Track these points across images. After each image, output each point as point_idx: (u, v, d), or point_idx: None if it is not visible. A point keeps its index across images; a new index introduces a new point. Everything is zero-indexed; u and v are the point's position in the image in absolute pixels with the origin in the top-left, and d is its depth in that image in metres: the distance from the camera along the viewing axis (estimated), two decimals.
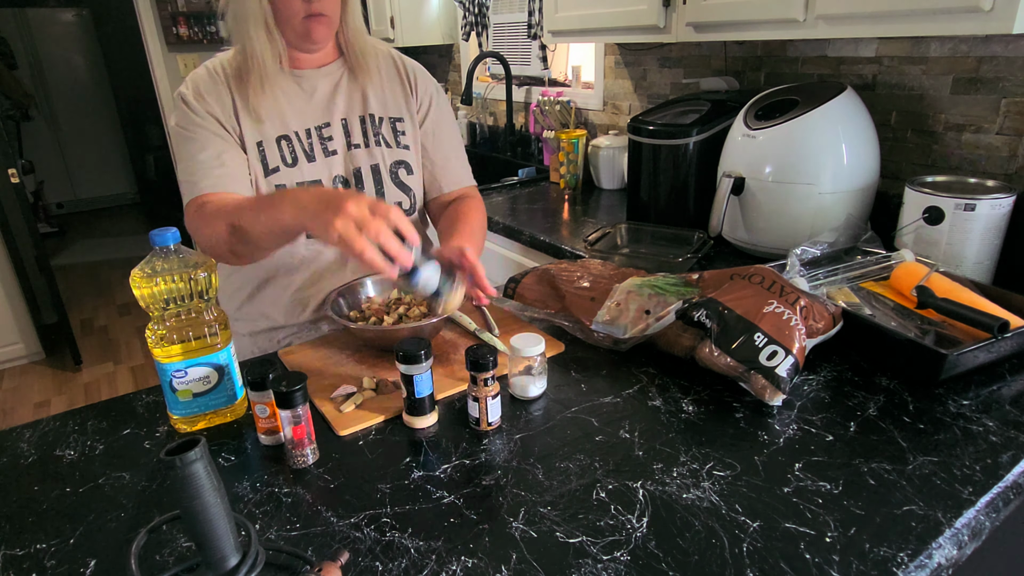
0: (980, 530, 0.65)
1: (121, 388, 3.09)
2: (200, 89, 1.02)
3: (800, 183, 1.27)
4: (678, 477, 0.71)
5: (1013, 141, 1.27)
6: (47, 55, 5.66)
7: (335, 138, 1.09)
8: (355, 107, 1.11)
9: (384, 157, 1.11)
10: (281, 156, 1.05)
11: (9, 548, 0.65)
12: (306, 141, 1.07)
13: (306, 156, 1.06)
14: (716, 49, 1.81)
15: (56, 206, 6.02)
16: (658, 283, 1.00)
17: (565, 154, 2.11)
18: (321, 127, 1.08)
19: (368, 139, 1.10)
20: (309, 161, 1.06)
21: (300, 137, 1.06)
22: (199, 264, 0.78)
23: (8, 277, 3.09)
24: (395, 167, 1.12)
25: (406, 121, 1.14)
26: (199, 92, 1.02)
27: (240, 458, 0.78)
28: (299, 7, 0.98)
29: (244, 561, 0.56)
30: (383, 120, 1.12)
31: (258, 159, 1.04)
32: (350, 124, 1.10)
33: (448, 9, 2.92)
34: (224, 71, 1.04)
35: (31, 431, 0.84)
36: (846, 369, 0.92)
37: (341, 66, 1.11)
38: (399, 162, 1.13)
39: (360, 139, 1.10)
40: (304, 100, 1.08)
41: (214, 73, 1.04)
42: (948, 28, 1.04)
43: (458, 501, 0.69)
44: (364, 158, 1.10)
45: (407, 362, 0.78)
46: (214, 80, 1.03)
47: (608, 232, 1.53)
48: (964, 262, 1.14)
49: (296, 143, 1.06)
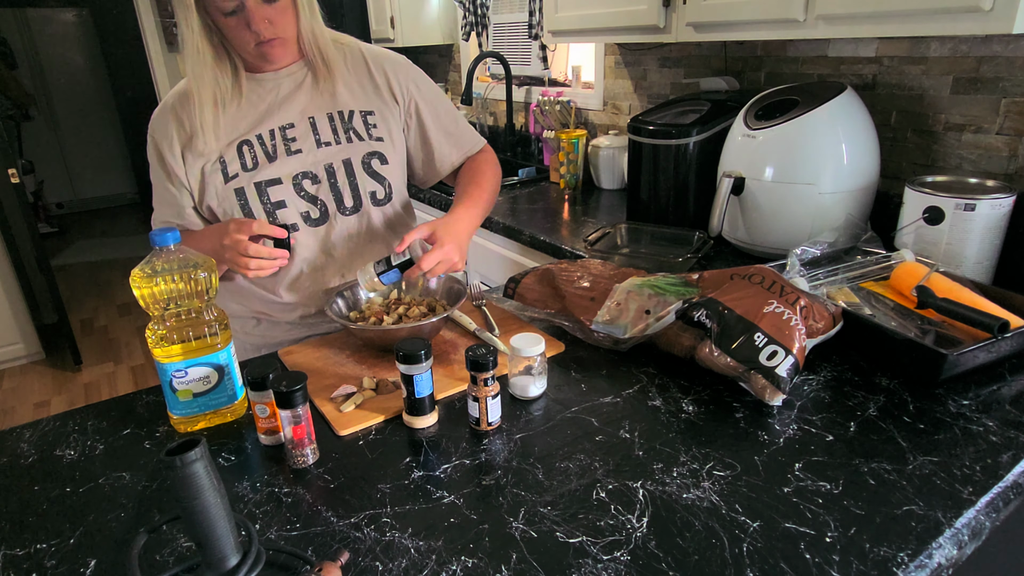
0: (980, 530, 0.65)
1: (121, 388, 3.09)
2: (154, 132, 1.07)
3: (800, 183, 1.27)
4: (678, 477, 0.71)
5: (1013, 141, 1.27)
6: (47, 55, 5.66)
7: (299, 137, 1.08)
8: (322, 105, 1.10)
9: (357, 150, 1.11)
10: (241, 162, 1.06)
11: (9, 548, 0.65)
12: (269, 143, 1.07)
13: (267, 157, 1.06)
14: (716, 49, 1.81)
15: (56, 206, 6.02)
16: (658, 283, 1.00)
17: (565, 154, 2.11)
18: (285, 127, 1.08)
19: (339, 135, 1.10)
20: (270, 161, 1.06)
21: (263, 139, 1.07)
22: (199, 264, 0.78)
23: (8, 277, 3.09)
24: (368, 158, 1.12)
25: (377, 113, 1.14)
26: (153, 135, 1.07)
27: (240, 458, 0.78)
28: (249, 37, 0.98)
29: (244, 561, 0.56)
30: (353, 114, 1.12)
31: (220, 171, 1.05)
32: (318, 122, 1.09)
33: (448, 9, 2.92)
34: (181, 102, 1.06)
35: (31, 431, 0.84)
36: (846, 369, 0.92)
37: (303, 66, 1.11)
38: (372, 153, 1.12)
39: (330, 136, 1.10)
40: (266, 104, 1.08)
41: (168, 109, 1.07)
42: (948, 28, 1.04)
43: (458, 501, 0.69)
44: (335, 154, 1.10)
45: (407, 362, 0.78)
46: (167, 119, 1.06)
47: (608, 232, 1.53)
48: (964, 262, 1.14)
49: (257, 146, 1.06)
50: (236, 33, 0.98)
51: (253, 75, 1.07)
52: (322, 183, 1.09)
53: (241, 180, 1.05)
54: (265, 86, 1.08)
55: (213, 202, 1.06)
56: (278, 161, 1.07)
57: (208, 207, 1.07)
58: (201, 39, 0.98)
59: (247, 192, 1.05)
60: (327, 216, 1.11)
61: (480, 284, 1.21)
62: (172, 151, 1.06)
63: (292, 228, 1.08)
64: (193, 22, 0.96)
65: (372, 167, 1.12)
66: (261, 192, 1.06)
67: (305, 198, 1.09)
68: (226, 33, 0.99)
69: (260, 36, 0.98)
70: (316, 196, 1.09)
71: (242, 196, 1.05)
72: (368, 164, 1.12)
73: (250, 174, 1.06)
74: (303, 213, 1.09)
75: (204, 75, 1.01)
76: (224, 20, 0.96)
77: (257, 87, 1.08)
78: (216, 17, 0.97)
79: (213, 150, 1.05)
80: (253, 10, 0.95)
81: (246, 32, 0.97)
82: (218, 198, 1.06)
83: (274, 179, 1.07)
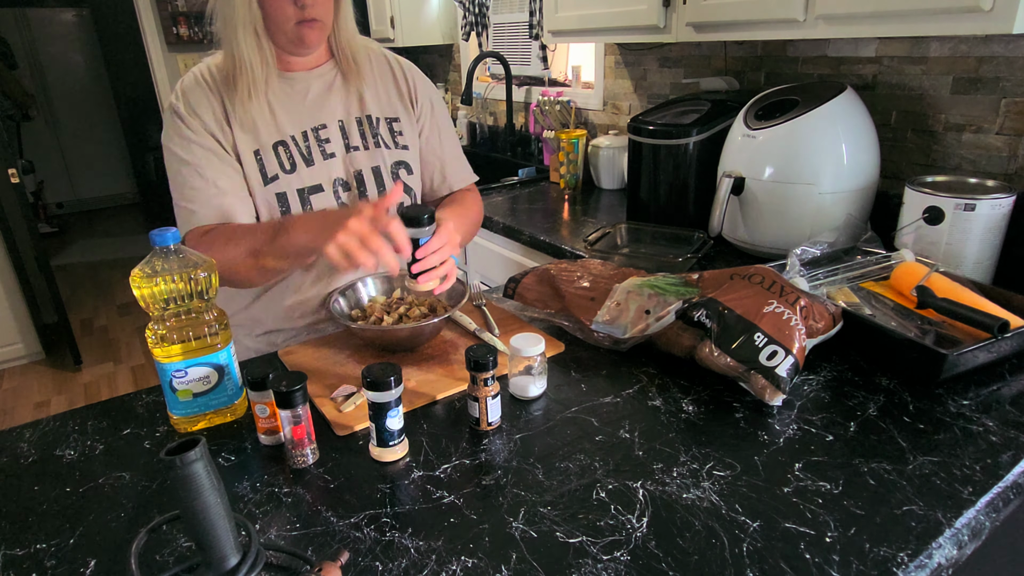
0: (980, 530, 0.65)
1: (121, 388, 3.09)
2: (191, 101, 1.00)
3: (800, 183, 1.27)
4: (678, 477, 0.71)
5: (1013, 141, 1.27)
6: (47, 55, 5.66)
7: (332, 140, 1.07)
8: (352, 109, 1.10)
9: (384, 158, 1.11)
10: (279, 163, 1.03)
11: (9, 548, 0.65)
12: (303, 144, 1.05)
13: (304, 160, 1.05)
14: (716, 49, 1.81)
15: (56, 206, 6.02)
16: (658, 283, 1.00)
17: (565, 154, 2.11)
18: (317, 128, 1.07)
19: (367, 140, 1.10)
20: (308, 165, 1.05)
21: (297, 141, 1.05)
22: (199, 264, 0.78)
23: (8, 277, 3.09)
24: (395, 167, 1.12)
25: (402, 121, 1.14)
26: (190, 104, 1.00)
27: (240, 458, 0.78)
28: (292, 13, 0.96)
29: (244, 561, 0.56)
30: (380, 121, 1.12)
31: (256, 168, 1.02)
32: (347, 126, 1.09)
33: (448, 9, 2.92)
34: (213, 77, 1.02)
35: (31, 431, 0.84)
36: (846, 369, 0.92)
37: (333, 67, 1.10)
38: (399, 162, 1.13)
39: (359, 141, 1.09)
40: (297, 102, 1.06)
41: (202, 81, 1.01)
42: (948, 28, 1.04)
43: (458, 501, 0.69)
44: (364, 160, 1.09)
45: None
46: (203, 89, 1.01)
47: (608, 232, 1.53)
48: (964, 262, 1.14)
49: (293, 147, 1.04)
50: (279, 7, 0.95)
51: (284, 73, 1.05)
52: (352, 191, 1.09)
53: (282, 184, 1.03)
54: (295, 86, 1.06)
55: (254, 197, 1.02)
56: (315, 166, 1.05)
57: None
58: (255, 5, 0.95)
59: (289, 199, 1.03)
60: None
61: (480, 284, 1.21)
62: (219, 124, 0.99)
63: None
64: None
65: (400, 177, 1.12)
66: (304, 200, 1.04)
67: (340, 207, 1.08)
68: (268, 8, 0.96)
69: (304, 12, 0.96)
70: (347, 204, 1.09)
71: (284, 202, 1.03)
72: (396, 174, 1.12)
73: (290, 177, 1.03)
74: None
75: (262, 44, 0.98)
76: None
77: (287, 86, 1.06)
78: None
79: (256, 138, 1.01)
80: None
81: (290, 7, 0.95)
82: (254, 197, 1.03)
83: (316, 186, 1.05)
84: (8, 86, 5.21)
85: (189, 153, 0.99)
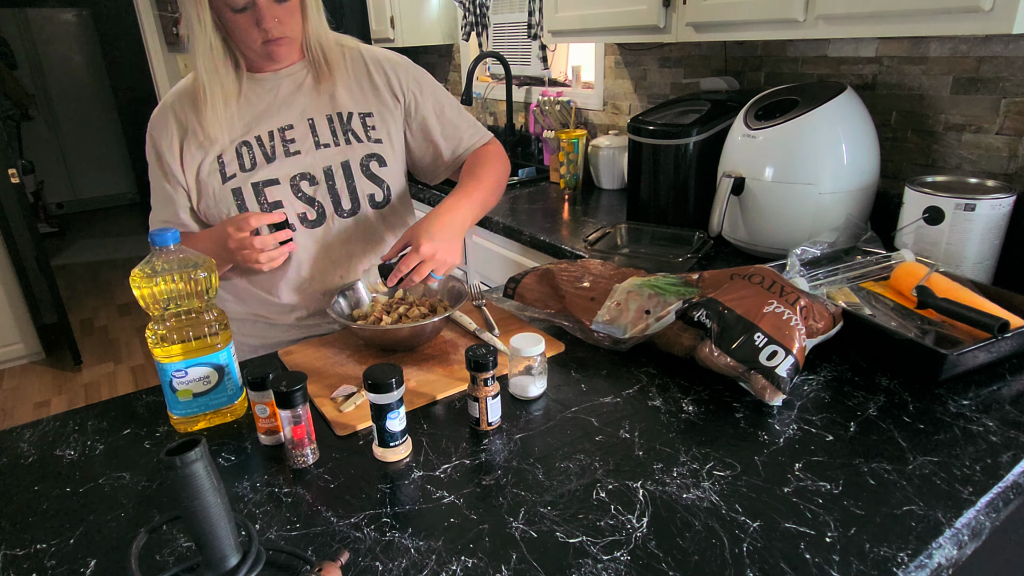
0: (980, 530, 0.65)
1: (121, 388, 3.09)
2: (152, 132, 1.07)
3: (800, 183, 1.27)
4: (678, 477, 0.71)
5: (1013, 141, 1.27)
6: (47, 55, 5.66)
7: (298, 139, 1.08)
8: (322, 106, 1.10)
9: (355, 152, 1.11)
10: (240, 163, 1.06)
11: (9, 548, 0.65)
12: (268, 144, 1.07)
13: (265, 158, 1.06)
14: (716, 49, 1.81)
15: (56, 206, 6.02)
16: (658, 283, 1.00)
17: (565, 154, 2.11)
18: (284, 128, 1.08)
19: (338, 137, 1.10)
20: (268, 162, 1.06)
21: (262, 140, 1.07)
22: (199, 264, 0.78)
23: (8, 277, 3.09)
24: (366, 160, 1.12)
25: (376, 116, 1.13)
26: (152, 134, 1.07)
27: (240, 458, 0.78)
28: (256, 35, 0.98)
29: (244, 561, 0.56)
30: (352, 115, 1.12)
31: (218, 171, 1.05)
32: (317, 123, 1.09)
33: (448, 9, 2.92)
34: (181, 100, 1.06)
35: (31, 431, 0.84)
36: (846, 369, 0.92)
37: (304, 66, 1.11)
38: (371, 155, 1.12)
39: (329, 138, 1.10)
40: (266, 103, 1.08)
41: (167, 109, 1.07)
42: (948, 28, 1.04)
43: (458, 501, 0.69)
44: (334, 156, 1.10)
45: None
46: (166, 118, 1.06)
47: (608, 232, 1.53)
48: (964, 262, 1.14)
49: (256, 147, 1.06)
50: (244, 30, 0.98)
51: (253, 75, 1.07)
52: (320, 185, 1.09)
53: (238, 180, 1.05)
54: (264, 86, 1.08)
55: (210, 203, 1.06)
56: (276, 162, 1.07)
57: (204, 210, 1.08)
58: (213, 34, 0.98)
59: (244, 192, 1.05)
60: (324, 218, 1.10)
61: (480, 284, 1.21)
62: (171, 151, 1.06)
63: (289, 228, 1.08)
64: (205, 16, 0.96)
65: (371, 169, 1.12)
66: (258, 192, 1.06)
67: (302, 199, 1.08)
68: (233, 30, 0.99)
69: (268, 34, 0.98)
70: (313, 198, 1.09)
71: (239, 196, 1.05)
72: (367, 167, 1.12)
73: (247, 175, 1.05)
74: (300, 214, 1.09)
75: (217, 70, 1.01)
76: (232, 17, 0.96)
77: (256, 87, 1.08)
78: (224, 13, 0.96)
79: (216, 148, 1.05)
80: (264, 8, 0.95)
81: (254, 30, 0.97)
82: (215, 199, 1.06)
83: (271, 179, 1.06)
84: (8, 86, 5.21)
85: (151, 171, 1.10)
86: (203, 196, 1.06)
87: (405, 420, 0.76)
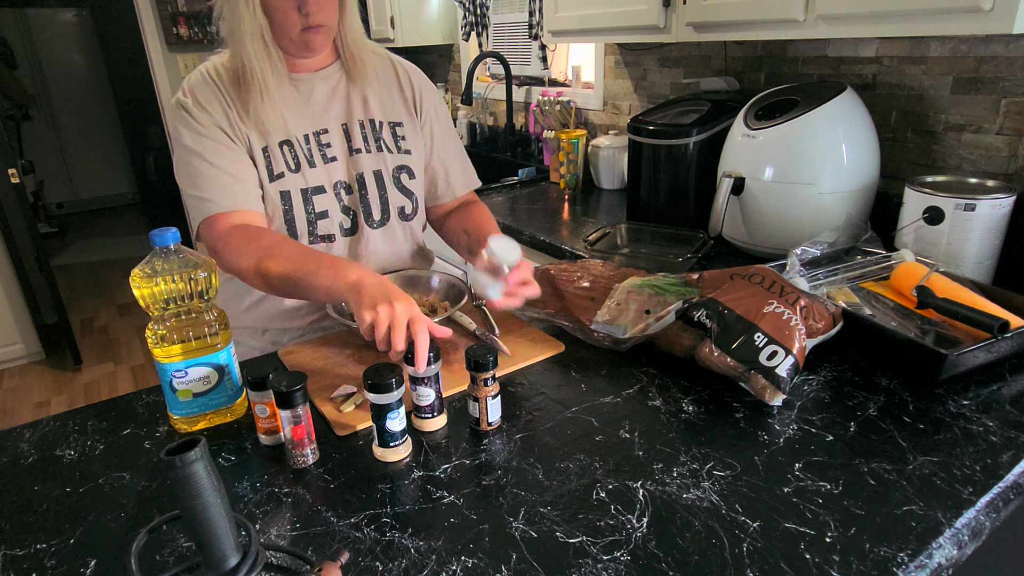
0: (980, 530, 0.65)
1: (121, 388, 3.09)
2: (199, 98, 1.00)
3: (800, 183, 1.27)
4: (678, 477, 0.71)
5: (1013, 141, 1.27)
6: (47, 55, 5.66)
7: (333, 144, 1.07)
8: (355, 112, 1.10)
9: (387, 162, 1.11)
10: (285, 161, 1.03)
11: (9, 548, 0.65)
12: (305, 147, 1.05)
13: (307, 162, 1.05)
14: (716, 49, 1.81)
15: (56, 206, 6.02)
16: (658, 283, 1.00)
17: (565, 154, 2.11)
18: (319, 133, 1.07)
19: (369, 144, 1.10)
20: (311, 167, 1.05)
21: (300, 142, 1.05)
22: (199, 264, 0.78)
23: (8, 277, 3.09)
24: (397, 171, 1.12)
25: (406, 126, 1.14)
26: (199, 101, 1.00)
27: (240, 458, 0.78)
28: (296, 20, 0.96)
29: (244, 561, 0.56)
30: (383, 124, 1.12)
31: (264, 164, 1.02)
32: (351, 128, 1.09)
33: (448, 9, 2.92)
34: (220, 76, 1.01)
35: (31, 431, 0.84)
36: (846, 369, 0.92)
37: (338, 69, 1.10)
38: (401, 167, 1.12)
39: (361, 143, 1.09)
40: (301, 104, 1.06)
41: (210, 80, 1.01)
42: (948, 28, 1.04)
43: (458, 501, 0.69)
44: (367, 163, 1.09)
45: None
46: (211, 87, 1.01)
47: (608, 232, 1.53)
48: (964, 262, 1.14)
49: (298, 148, 1.05)
50: (284, 14, 0.96)
51: (289, 74, 1.05)
52: (354, 193, 1.09)
53: (287, 182, 1.03)
54: (299, 87, 1.06)
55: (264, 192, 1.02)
56: (317, 168, 1.05)
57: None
58: (262, 17, 0.95)
59: (292, 197, 1.03)
60: (357, 227, 1.10)
61: None
62: (231, 123, 1.00)
63: (329, 239, 1.08)
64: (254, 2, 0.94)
65: (401, 181, 1.12)
66: (307, 200, 1.04)
67: (342, 209, 1.08)
68: (272, 15, 0.96)
69: (310, 19, 0.96)
70: (349, 207, 1.09)
71: (287, 201, 1.03)
72: (398, 178, 1.12)
73: (295, 176, 1.03)
74: (340, 224, 1.08)
75: (269, 52, 0.98)
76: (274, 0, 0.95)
77: (293, 88, 1.06)
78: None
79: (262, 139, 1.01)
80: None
81: (294, 14, 0.95)
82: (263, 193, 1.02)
83: (319, 187, 1.05)
84: (8, 86, 5.21)
85: (200, 144, 0.98)
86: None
87: (405, 420, 0.76)
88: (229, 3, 0.96)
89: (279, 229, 1.05)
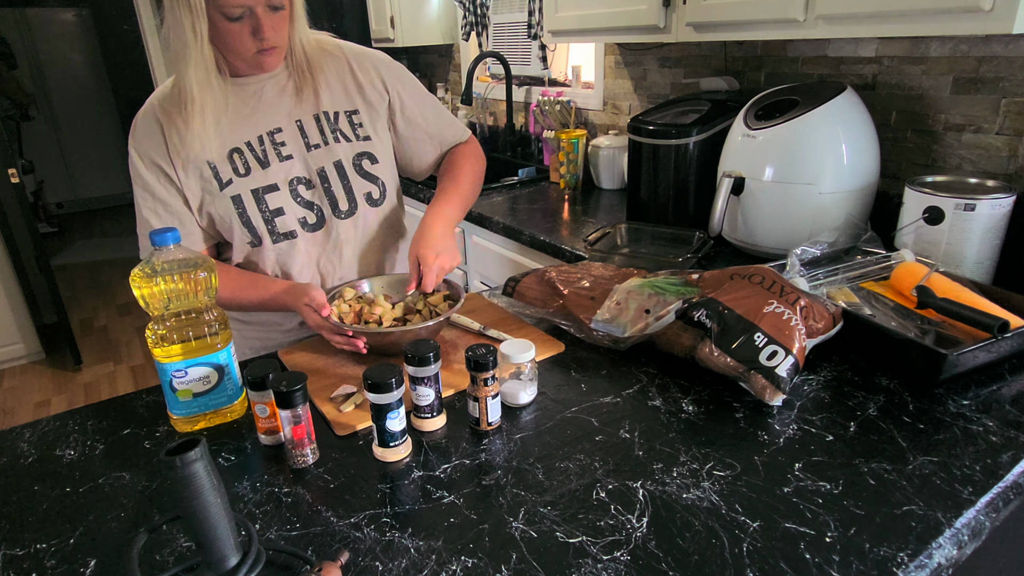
0: (980, 530, 0.65)
1: (121, 388, 3.09)
2: (140, 137, 1.03)
3: (800, 183, 1.27)
4: (678, 477, 0.71)
5: (1013, 141, 1.27)
6: (47, 55, 5.65)
7: (288, 142, 1.07)
8: (307, 107, 1.09)
9: (346, 152, 1.10)
10: (234, 168, 1.04)
11: (9, 548, 0.65)
12: (259, 149, 1.05)
13: (259, 163, 1.05)
14: (716, 49, 1.81)
15: (56, 206, 6.02)
16: (658, 283, 1.00)
17: (565, 154, 2.11)
18: (273, 132, 1.06)
19: (326, 136, 1.09)
20: (263, 168, 1.05)
21: (252, 146, 1.05)
22: (199, 264, 0.78)
23: (8, 277, 3.09)
24: (358, 159, 1.11)
25: (362, 113, 1.13)
26: (140, 143, 1.03)
27: (240, 458, 0.78)
28: (251, 44, 0.97)
29: (244, 561, 0.56)
30: (339, 115, 1.11)
31: (212, 177, 1.03)
32: (305, 125, 1.08)
33: (448, 9, 2.92)
34: (164, 107, 1.02)
35: (31, 431, 0.84)
36: (846, 369, 0.92)
37: (286, 68, 1.09)
38: (362, 153, 1.12)
39: (318, 138, 1.09)
40: (251, 108, 1.06)
41: (149, 114, 1.03)
42: (948, 28, 1.04)
43: (458, 501, 0.69)
44: (325, 156, 1.09)
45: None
46: (152, 122, 1.02)
47: (608, 232, 1.53)
48: (964, 262, 1.14)
49: (248, 153, 1.05)
50: (237, 39, 0.96)
51: (235, 79, 1.05)
52: (316, 187, 1.08)
53: (237, 187, 1.03)
54: (248, 90, 1.06)
55: (211, 211, 1.04)
56: (271, 167, 1.06)
57: (208, 214, 1.05)
58: (207, 45, 0.95)
59: (244, 199, 1.04)
60: (323, 220, 1.10)
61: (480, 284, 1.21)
62: (164, 158, 1.02)
63: (291, 236, 1.07)
64: (202, 28, 0.93)
65: (363, 168, 1.12)
66: (259, 199, 1.05)
67: (302, 204, 1.08)
68: (225, 39, 0.96)
69: (264, 43, 0.96)
70: (312, 201, 1.09)
71: (239, 204, 1.04)
72: (359, 165, 1.11)
73: (244, 180, 1.04)
74: (300, 219, 1.08)
75: (210, 83, 0.98)
76: (227, 26, 0.94)
77: (240, 91, 1.05)
78: (218, 22, 0.94)
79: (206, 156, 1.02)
80: (262, 17, 0.94)
81: (249, 39, 0.96)
82: (216, 208, 1.04)
83: (271, 185, 1.05)
84: (8, 86, 5.21)
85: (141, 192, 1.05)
86: (203, 206, 1.04)
87: (405, 420, 0.76)
88: (175, 28, 0.94)
89: (239, 235, 1.05)
